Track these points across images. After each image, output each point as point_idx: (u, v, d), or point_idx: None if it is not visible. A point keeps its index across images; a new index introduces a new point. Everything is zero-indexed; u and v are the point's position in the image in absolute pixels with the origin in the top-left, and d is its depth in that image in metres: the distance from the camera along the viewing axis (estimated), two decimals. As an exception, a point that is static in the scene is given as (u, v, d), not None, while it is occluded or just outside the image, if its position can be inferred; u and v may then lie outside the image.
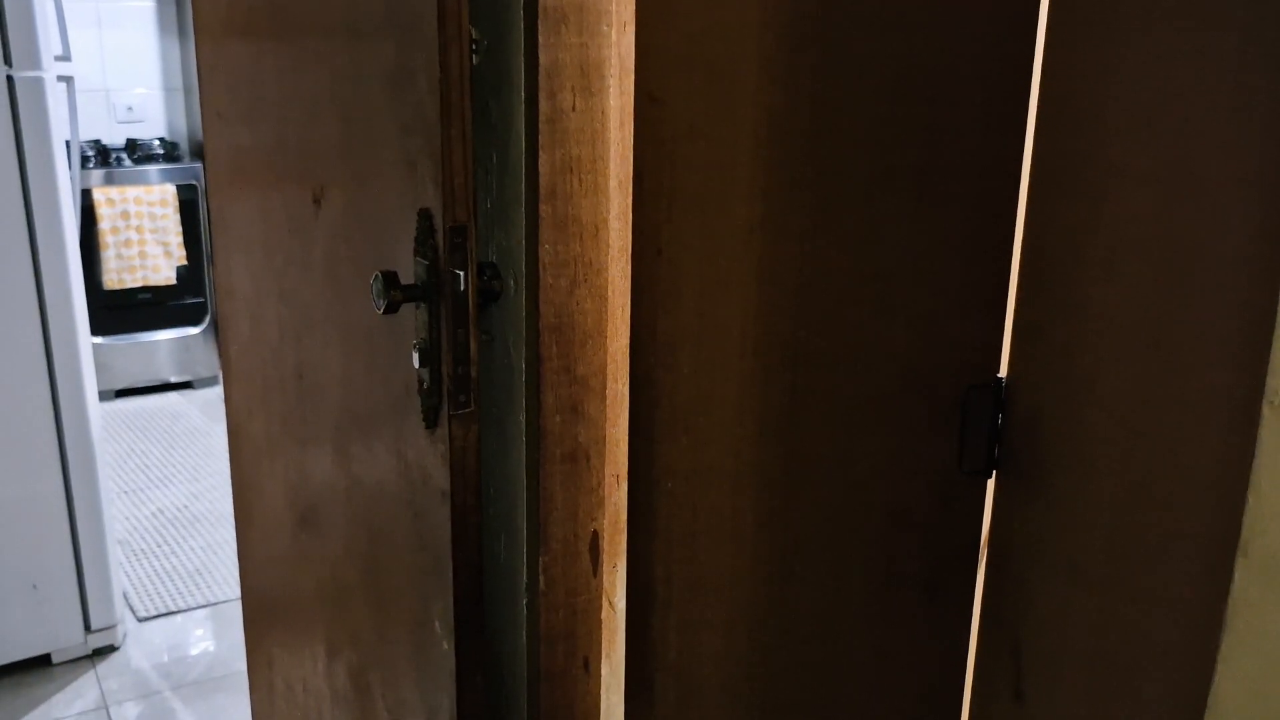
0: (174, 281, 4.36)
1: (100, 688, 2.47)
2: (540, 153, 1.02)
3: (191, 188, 4.32)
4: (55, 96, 2.27)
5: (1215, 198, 0.76)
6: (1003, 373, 0.99)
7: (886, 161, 0.98)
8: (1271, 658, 0.44)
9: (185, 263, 4.35)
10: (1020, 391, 0.95)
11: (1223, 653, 0.44)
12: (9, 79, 2.17)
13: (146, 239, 4.18)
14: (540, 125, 1.01)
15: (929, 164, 0.98)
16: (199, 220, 4.35)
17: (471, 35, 1.01)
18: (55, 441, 2.41)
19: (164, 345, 4.47)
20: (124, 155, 4.40)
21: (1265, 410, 0.43)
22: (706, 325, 1.06)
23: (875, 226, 1.00)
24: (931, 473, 1.02)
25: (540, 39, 0.98)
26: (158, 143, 4.54)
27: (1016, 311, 0.96)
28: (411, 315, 1.07)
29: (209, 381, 4.60)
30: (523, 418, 1.10)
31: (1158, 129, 0.80)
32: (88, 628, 2.55)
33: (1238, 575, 0.44)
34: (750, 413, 1.05)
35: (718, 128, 1.03)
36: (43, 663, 2.52)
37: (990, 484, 1.02)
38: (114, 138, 4.60)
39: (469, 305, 1.07)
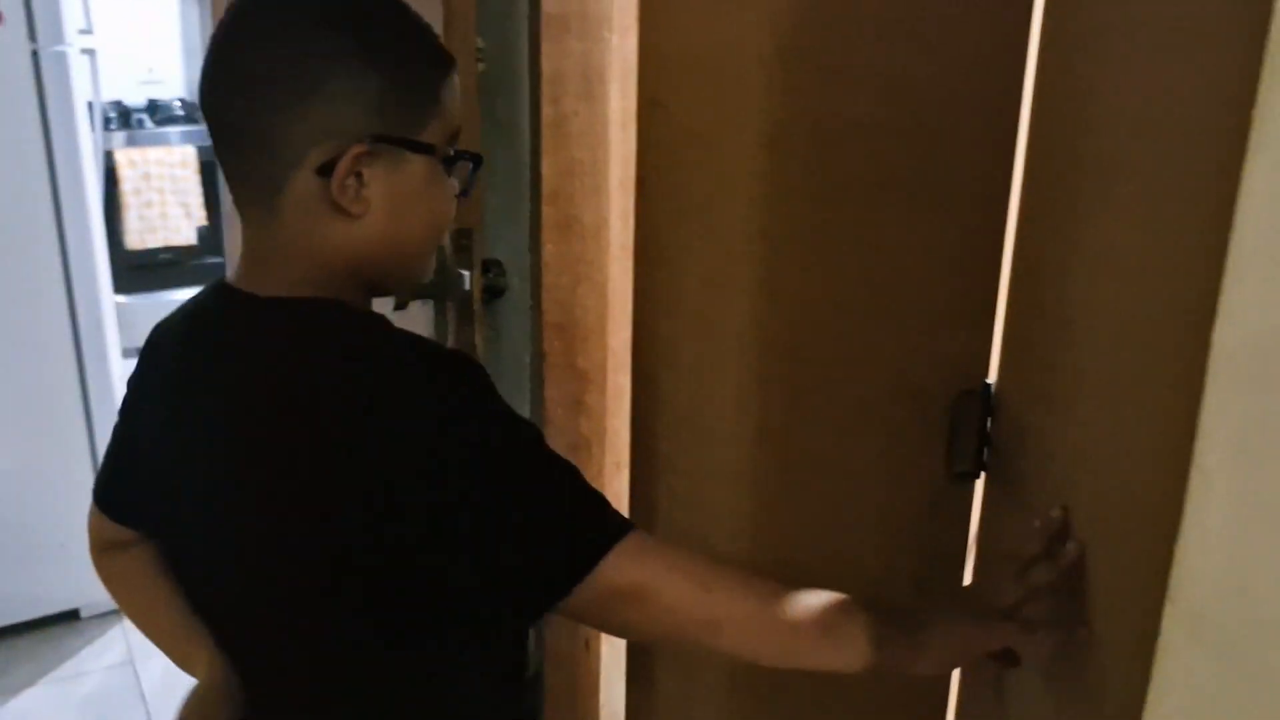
0: (195, 242, 4.40)
1: (127, 641, 2.54)
2: (544, 156, 1.04)
3: (211, 149, 4.34)
4: (79, 69, 2.29)
5: (1203, 217, 0.78)
6: (992, 379, 1.01)
7: (882, 171, 1.00)
8: (1193, 708, 0.47)
9: (206, 223, 4.39)
10: (1007, 398, 0.98)
11: (1149, 700, 0.47)
12: (34, 53, 2.20)
13: (168, 200, 4.21)
14: (544, 129, 1.03)
15: (923, 174, 1.00)
16: (219, 182, 4.38)
17: (477, 44, 1.03)
18: (80, 398, 2.45)
19: (186, 304, 4.51)
20: (145, 117, 4.42)
21: (1194, 477, 0.44)
22: (706, 326, 1.09)
23: (871, 234, 1.02)
24: (922, 476, 1.05)
25: (543, 46, 1.00)
26: (178, 104, 4.56)
27: (1006, 320, 0.98)
28: (419, 312, 1.10)
29: (231, 340, 4.64)
30: (528, 410, 1.14)
31: (1148, 145, 0.81)
32: (114, 585, 2.61)
33: (1165, 624, 0.46)
34: (749, 414, 1.08)
35: (718, 133, 1.04)
36: (71, 617, 2.58)
37: (979, 488, 1.05)
38: (135, 98, 4.61)
39: (475, 302, 1.10)
